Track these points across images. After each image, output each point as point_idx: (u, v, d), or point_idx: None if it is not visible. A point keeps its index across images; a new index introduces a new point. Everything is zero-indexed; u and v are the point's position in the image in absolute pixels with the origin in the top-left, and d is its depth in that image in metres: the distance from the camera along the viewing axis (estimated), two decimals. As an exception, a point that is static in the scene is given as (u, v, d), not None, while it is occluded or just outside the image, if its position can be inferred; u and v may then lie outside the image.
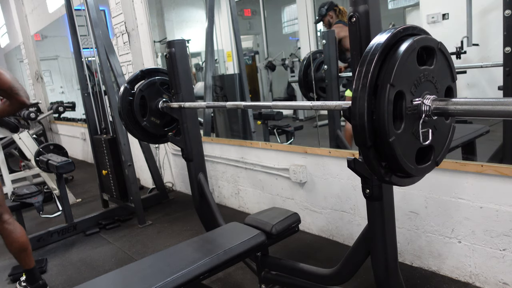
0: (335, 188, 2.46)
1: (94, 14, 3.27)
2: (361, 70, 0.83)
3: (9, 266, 2.72)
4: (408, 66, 0.83)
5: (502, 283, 1.83)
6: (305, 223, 2.73)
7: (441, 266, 2.05)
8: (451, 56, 0.93)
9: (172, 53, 2.01)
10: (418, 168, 0.90)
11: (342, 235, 2.53)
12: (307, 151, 2.57)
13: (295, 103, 3.83)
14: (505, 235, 1.77)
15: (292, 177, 2.68)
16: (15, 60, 8.85)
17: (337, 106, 1.05)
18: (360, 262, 1.46)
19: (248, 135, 3.67)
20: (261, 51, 7.41)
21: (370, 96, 0.82)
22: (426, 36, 0.88)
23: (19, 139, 4.30)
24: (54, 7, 5.68)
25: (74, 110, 6.11)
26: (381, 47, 0.82)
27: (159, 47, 4.95)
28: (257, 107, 3.57)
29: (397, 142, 0.82)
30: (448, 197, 1.93)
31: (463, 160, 1.91)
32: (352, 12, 1.08)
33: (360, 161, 0.91)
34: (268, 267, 1.89)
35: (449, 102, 0.84)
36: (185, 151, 2.17)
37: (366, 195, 1.08)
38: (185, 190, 4.02)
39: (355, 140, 0.86)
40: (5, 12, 7.73)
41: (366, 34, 1.07)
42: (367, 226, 1.35)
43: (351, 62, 1.18)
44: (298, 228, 1.91)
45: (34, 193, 2.88)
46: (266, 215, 1.89)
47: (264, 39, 7.23)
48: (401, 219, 2.13)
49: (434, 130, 0.90)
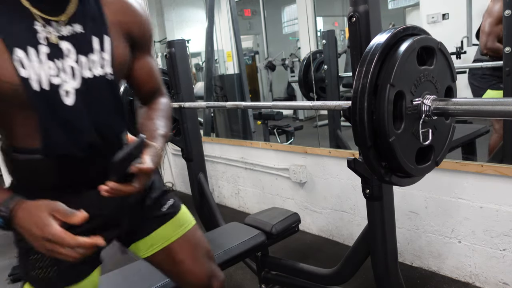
0: (335, 188, 2.46)
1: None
2: (361, 70, 0.83)
3: (9, 266, 2.72)
4: (408, 66, 0.83)
5: (502, 283, 1.83)
6: (305, 223, 2.73)
7: (441, 266, 2.05)
8: (451, 56, 0.93)
9: (172, 53, 2.01)
10: (418, 168, 0.90)
11: (342, 235, 2.53)
12: (307, 151, 2.57)
13: (295, 103, 3.84)
14: (505, 235, 1.77)
15: (292, 177, 2.68)
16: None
17: (337, 106, 1.05)
18: (360, 262, 1.46)
19: (248, 135, 3.67)
20: (261, 51, 7.41)
21: (370, 96, 0.82)
22: (426, 36, 0.88)
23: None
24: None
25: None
26: (381, 47, 0.82)
27: (159, 47, 4.96)
28: (257, 107, 3.57)
29: (397, 142, 0.82)
30: (448, 197, 1.93)
31: (463, 160, 1.91)
32: (352, 12, 1.08)
33: (360, 161, 0.91)
34: (268, 267, 1.89)
35: (449, 102, 0.84)
36: (185, 151, 2.17)
37: (366, 195, 1.08)
38: (185, 190, 4.02)
39: (355, 140, 0.86)
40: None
41: (366, 34, 1.07)
42: (367, 226, 1.35)
43: (351, 62, 1.18)
44: (298, 228, 1.91)
45: (34, 193, 2.87)
46: (266, 215, 1.89)
47: (264, 39, 7.22)
48: (401, 219, 2.13)
49: (434, 130, 0.90)
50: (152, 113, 1.04)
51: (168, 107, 1.10)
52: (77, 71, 0.85)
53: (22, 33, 0.79)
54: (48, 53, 0.81)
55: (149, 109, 1.07)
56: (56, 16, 0.83)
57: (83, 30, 0.86)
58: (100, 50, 0.88)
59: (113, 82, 0.91)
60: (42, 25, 0.81)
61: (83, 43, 0.86)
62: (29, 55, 0.78)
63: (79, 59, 0.85)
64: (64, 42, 0.83)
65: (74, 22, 0.85)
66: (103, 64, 0.88)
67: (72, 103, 0.84)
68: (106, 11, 0.91)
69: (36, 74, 0.79)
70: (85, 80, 0.86)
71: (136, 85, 1.06)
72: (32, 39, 0.80)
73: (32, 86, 0.79)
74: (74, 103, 0.84)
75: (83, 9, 0.86)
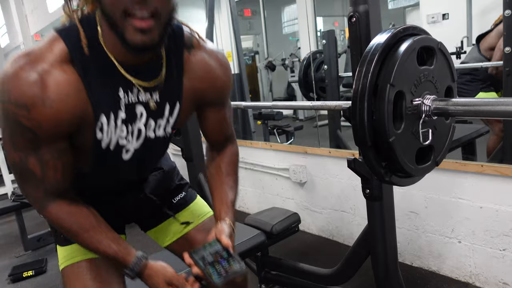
0: (335, 188, 2.46)
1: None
2: (361, 70, 0.83)
3: (9, 266, 2.72)
4: (408, 66, 0.83)
5: (502, 283, 1.83)
6: (305, 223, 2.73)
7: (441, 266, 2.05)
8: (451, 56, 0.93)
9: (172, 53, 2.01)
10: (418, 168, 0.90)
11: (342, 235, 2.53)
12: (307, 151, 2.57)
13: (295, 103, 3.84)
14: (505, 235, 1.77)
15: (292, 177, 2.68)
16: (15, 60, 8.84)
17: (337, 106, 1.05)
18: (360, 262, 1.46)
19: (248, 135, 3.67)
20: (261, 51, 7.41)
21: (370, 96, 0.82)
22: (426, 36, 0.88)
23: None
24: (54, 7, 5.68)
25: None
26: (381, 47, 0.82)
27: (159, 47, 4.94)
28: (257, 107, 3.57)
29: (397, 142, 0.82)
30: (448, 197, 1.93)
31: (463, 160, 1.91)
32: (352, 12, 1.08)
33: (360, 161, 0.91)
34: (268, 267, 1.89)
35: (449, 102, 0.84)
36: (185, 151, 2.16)
37: (366, 195, 1.08)
38: (185, 190, 4.01)
39: (355, 140, 0.86)
40: (5, 12, 7.73)
41: (366, 34, 1.07)
42: (367, 226, 1.35)
43: (351, 62, 1.18)
44: (298, 228, 1.91)
45: (34, 193, 2.87)
46: (266, 215, 1.89)
47: (264, 39, 7.22)
48: (401, 219, 2.13)
49: (434, 130, 0.90)
50: (221, 176, 1.07)
51: (236, 158, 1.12)
52: (143, 132, 0.91)
53: (108, 99, 0.83)
54: (123, 118, 0.86)
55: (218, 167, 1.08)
56: (148, 82, 0.86)
57: (158, 99, 0.89)
58: (168, 115, 0.93)
59: (169, 137, 0.98)
60: (125, 92, 0.84)
61: (156, 109, 0.90)
62: (109, 121, 0.84)
63: (148, 122, 0.90)
64: (140, 106, 0.87)
65: (154, 90, 0.88)
66: (166, 126, 0.94)
67: (128, 158, 0.92)
68: (185, 78, 0.92)
69: (108, 137, 0.85)
70: (147, 139, 0.92)
71: (206, 132, 1.07)
72: (115, 105, 0.84)
73: (102, 146, 0.85)
74: (130, 158, 0.92)
75: (167, 77, 0.89)
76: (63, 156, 0.83)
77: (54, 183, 0.84)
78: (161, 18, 0.75)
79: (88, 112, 0.80)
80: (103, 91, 0.81)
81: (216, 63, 0.95)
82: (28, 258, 2.85)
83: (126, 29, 0.73)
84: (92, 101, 0.80)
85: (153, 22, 0.74)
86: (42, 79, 0.74)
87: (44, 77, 0.74)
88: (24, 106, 0.74)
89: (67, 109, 0.77)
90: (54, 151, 0.81)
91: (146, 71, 0.85)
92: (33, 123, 0.75)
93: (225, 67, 0.97)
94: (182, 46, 0.91)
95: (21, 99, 0.73)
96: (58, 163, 0.83)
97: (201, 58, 0.93)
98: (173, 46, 0.89)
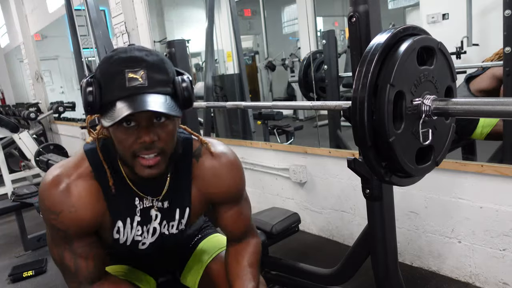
0: (335, 188, 2.46)
1: (94, 14, 3.26)
2: (361, 70, 0.83)
3: (9, 266, 2.72)
4: (408, 66, 0.83)
5: (502, 283, 1.83)
6: (305, 223, 2.73)
7: (441, 266, 2.05)
8: (451, 56, 0.93)
9: (172, 53, 2.01)
10: (418, 168, 0.90)
11: (342, 235, 2.53)
12: (307, 151, 2.57)
13: (295, 103, 3.84)
14: (505, 235, 1.77)
15: (292, 177, 2.68)
16: (15, 60, 8.84)
17: (337, 106, 1.05)
18: (360, 262, 1.46)
19: (248, 135, 3.67)
20: (261, 51, 7.41)
21: (370, 96, 0.82)
22: (426, 36, 0.88)
23: (19, 139, 4.30)
24: (54, 7, 5.68)
25: (74, 110, 6.10)
26: (381, 47, 0.82)
27: (159, 47, 4.95)
28: (257, 107, 3.57)
29: (397, 142, 0.82)
30: (448, 197, 1.93)
31: (463, 160, 1.91)
32: (352, 12, 1.08)
33: (360, 161, 0.91)
34: (268, 267, 1.89)
35: (449, 102, 0.84)
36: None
37: (366, 195, 1.08)
38: (185, 190, 4.01)
39: (355, 140, 0.86)
40: (5, 12, 7.73)
41: (366, 34, 1.07)
42: (367, 226, 1.35)
43: (351, 62, 1.18)
44: (298, 228, 1.91)
45: (34, 193, 2.88)
46: (266, 215, 1.89)
47: (264, 39, 7.23)
48: (401, 219, 2.13)
49: (434, 130, 0.90)
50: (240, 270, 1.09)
51: (257, 252, 1.15)
52: (158, 230, 1.04)
53: (125, 207, 0.99)
54: (139, 221, 1.01)
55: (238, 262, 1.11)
56: (154, 196, 1.01)
57: (169, 205, 1.03)
58: (179, 218, 1.05)
59: (185, 231, 1.08)
60: (141, 200, 1.00)
61: (168, 213, 1.04)
62: (126, 224, 0.99)
63: (162, 222, 1.04)
64: (153, 210, 1.02)
65: (164, 200, 1.02)
66: (179, 225, 1.06)
67: (144, 248, 1.05)
68: (194, 185, 1.04)
69: (125, 237, 1.00)
70: (161, 235, 1.05)
71: (224, 227, 1.14)
72: (131, 211, 1.00)
73: (119, 242, 1.01)
74: (146, 248, 1.05)
75: (174, 187, 1.02)
76: (94, 249, 0.98)
77: (86, 274, 0.97)
78: (166, 154, 0.89)
79: (105, 219, 0.96)
80: (120, 201, 0.97)
81: (225, 167, 1.04)
82: (28, 258, 2.85)
83: (135, 166, 0.88)
84: (110, 209, 0.96)
85: (159, 158, 0.88)
86: (68, 190, 0.91)
87: (70, 188, 0.92)
88: (54, 212, 0.92)
89: (86, 214, 0.93)
90: (85, 245, 0.96)
91: (154, 186, 1.00)
92: (62, 226, 0.92)
93: (235, 170, 1.06)
94: (190, 156, 1.03)
95: (53, 206, 0.91)
96: (90, 255, 0.97)
97: (209, 165, 1.03)
98: (181, 157, 1.01)
